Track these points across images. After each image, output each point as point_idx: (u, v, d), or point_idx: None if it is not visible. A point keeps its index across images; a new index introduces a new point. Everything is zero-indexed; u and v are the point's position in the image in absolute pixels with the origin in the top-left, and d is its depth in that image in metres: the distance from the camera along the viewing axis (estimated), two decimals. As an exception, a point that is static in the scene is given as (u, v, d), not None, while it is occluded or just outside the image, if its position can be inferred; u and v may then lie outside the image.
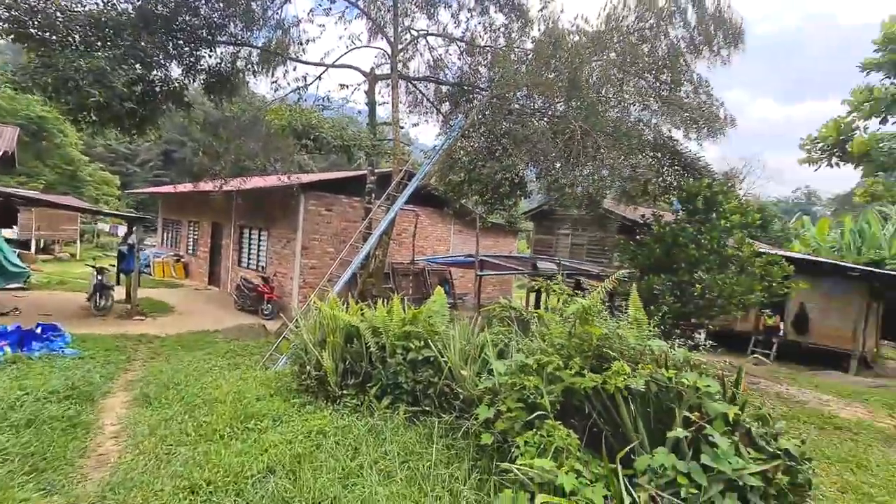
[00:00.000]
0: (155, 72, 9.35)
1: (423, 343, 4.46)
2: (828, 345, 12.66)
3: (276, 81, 9.74)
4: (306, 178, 13.62)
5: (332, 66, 9.99)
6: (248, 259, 15.18)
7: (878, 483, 4.48)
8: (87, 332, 9.31)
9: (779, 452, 2.76)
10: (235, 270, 15.68)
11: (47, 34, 7.97)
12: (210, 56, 9.83)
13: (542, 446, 2.87)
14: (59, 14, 7.97)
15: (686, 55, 8.03)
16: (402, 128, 9.47)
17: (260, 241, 14.69)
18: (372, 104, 10.05)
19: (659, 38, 7.93)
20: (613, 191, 8.97)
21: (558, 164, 9.30)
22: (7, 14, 7.64)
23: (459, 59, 11.38)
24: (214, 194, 14.22)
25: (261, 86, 54.39)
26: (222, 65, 9.79)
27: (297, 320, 8.08)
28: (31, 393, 4.41)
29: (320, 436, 3.76)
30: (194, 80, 9.96)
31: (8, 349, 6.88)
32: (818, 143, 13.87)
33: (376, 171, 10.44)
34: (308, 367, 4.66)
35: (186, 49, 9.39)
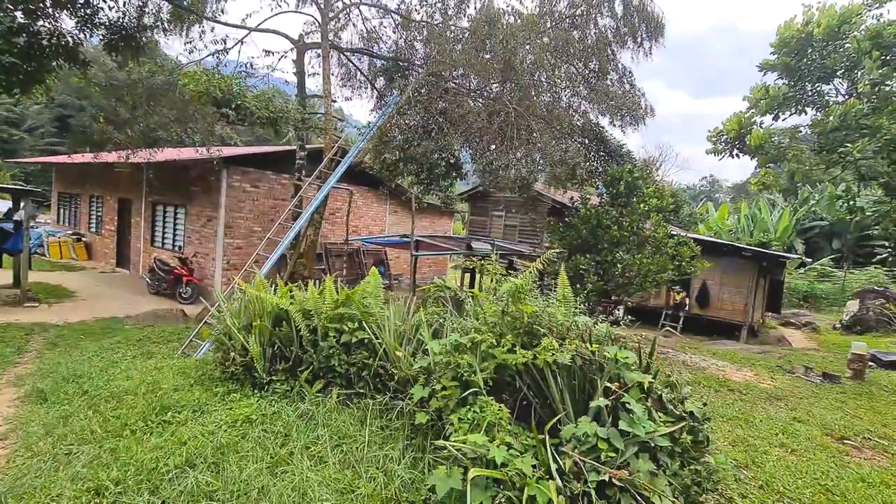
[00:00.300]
0: (41, 22, 8.09)
1: (357, 325, 4.36)
2: (724, 317, 14.26)
3: (190, 42, 8.80)
4: (229, 151, 12.64)
5: (255, 29, 9.19)
6: (164, 238, 13.92)
7: (761, 436, 5.16)
8: (-37, 323, 8.09)
9: (684, 415, 3.06)
10: (149, 251, 14.32)
11: None
12: (110, 8, 8.66)
13: (475, 422, 2.94)
14: None
15: (612, 45, 8.39)
16: (334, 101, 9.04)
17: (176, 218, 13.50)
18: (301, 75, 9.45)
19: (589, 26, 8.19)
20: (544, 174, 9.27)
21: (493, 147, 9.40)
22: None
23: (394, 32, 11.01)
24: (120, 166, 12.76)
25: (174, 46, 49.20)
26: (126, 19, 8.67)
27: (219, 304, 7.59)
28: None
29: (246, 424, 3.57)
30: (91, 35, 8.75)
31: None
32: (722, 135, 15.28)
33: (307, 146, 9.91)
34: (232, 354, 4.38)
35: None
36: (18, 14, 7.73)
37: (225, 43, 8.98)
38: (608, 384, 3.04)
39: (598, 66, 8.31)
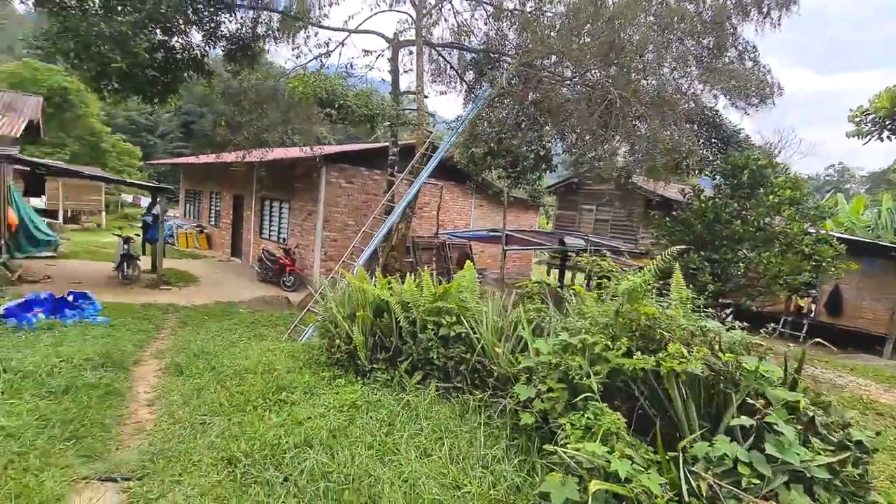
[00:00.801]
0: (176, 38, 9.15)
1: (454, 319, 4.33)
2: (863, 327, 12.22)
3: (297, 48, 9.46)
4: (328, 149, 13.39)
5: (355, 31, 9.62)
6: (270, 231, 15.23)
7: (930, 473, 4.28)
8: (116, 301, 9.48)
9: (848, 443, 2.58)
10: (258, 242, 15.77)
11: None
12: (230, 21, 9.57)
13: (588, 429, 2.74)
14: (77, -24, 7.77)
15: (733, 17, 7.45)
16: (426, 97, 9.15)
17: (281, 212, 14.68)
18: (395, 72, 9.70)
19: (705, -2, 7.36)
20: (645, 165, 8.56)
21: (588, 137, 8.89)
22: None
23: (485, 24, 10.86)
24: (236, 165, 14.16)
25: (280, 54, 53.65)
26: (243, 30, 9.52)
27: (321, 293, 8.07)
28: (68, 360, 4.45)
29: (353, 410, 3.70)
30: (215, 47, 9.74)
31: (42, 315, 7.02)
32: (869, 114, 13.01)
33: (398, 143, 10.18)
34: (337, 341, 4.58)
35: (206, 13, 9.13)
36: (158, 32, 8.80)
37: (328, 46, 9.52)
38: (751, 401, 2.65)
39: (714, 43, 7.44)
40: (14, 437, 2.90)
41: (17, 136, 10.47)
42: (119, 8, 7.99)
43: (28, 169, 12.77)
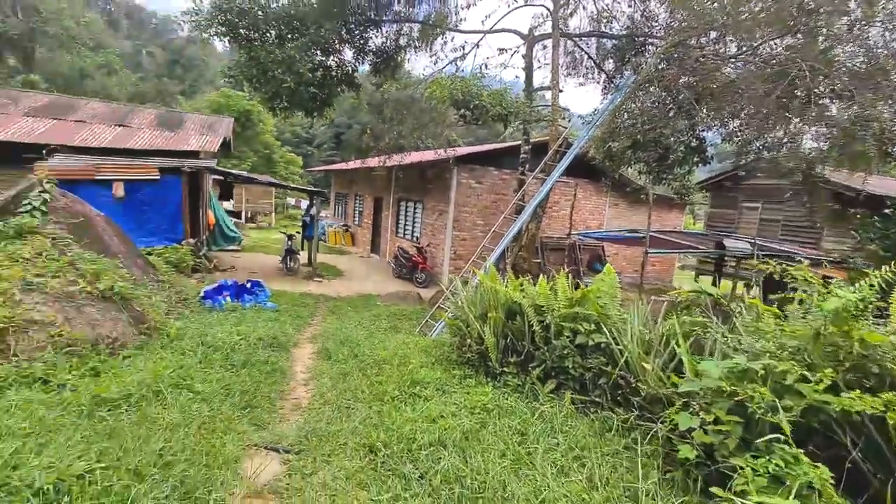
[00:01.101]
0: (332, 57, 10.26)
1: (593, 327, 3.97)
2: None
3: (434, 55, 9.88)
4: (460, 151, 13.71)
5: (490, 31, 9.65)
6: (405, 230, 16.23)
7: None
8: (281, 289, 11.01)
9: None
10: (393, 240, 16.96)
11: (252, 33, 9.27)
12: (376, 36, 10.41)
13: (777, 479, 2.20)
14: (259, 13, 9.20)
15: None
16: (560, 91, 8.73)
17: (415, 212, 15.53)
18: (529, 68, 9.47)
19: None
20: (841, 152, 6.84)
21: (757, 121, 7.49)
22: (224, 18, 9.07)
23: (629, 6, 9.97)
24: (377, 170, 15.42)
25: (419, 62, 57.51)
26: (387, 43, 10.27)
27: (451, 290, 8.24)
28: (245, 338, 5.24)
29: (484, 413, 3.62)
30: (363, 62, 10.69)
31: (229, 298, 8.45)
32: None
33: (531, 140, 9.92)
34: (469, 341, 4.57)
35: (357, 32, 10.06)
36: (318, 54, 9.95)
37: (463, 49, 9.75)
38: None
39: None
40: (206, 402, 3.46)
41: (215, 150, 12.85)
42: (289, 36, 9.25)
43: (221, 178, 15.63)
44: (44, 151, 9.41)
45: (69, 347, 3.59)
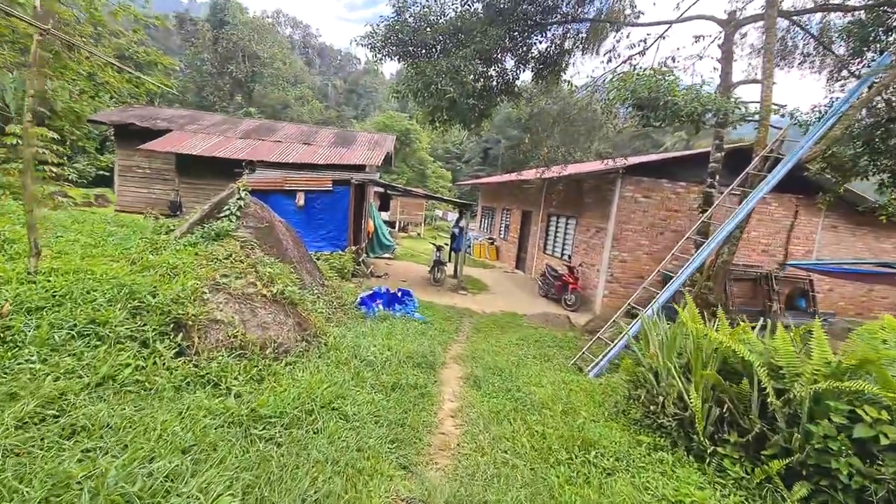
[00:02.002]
0: (493, 67, 9.99)
1: (884, 413, 2.59)
2: None
3: (608, 52, 8.82)
4: (631, 159, 12.22)
5: (679, 20, 8.24)
6: (554, 247, 15.19)
7: None
8: (428, 300, 11.05)
9: None
10: (540, 257, 16.04)
11: (420, 50, 9.52)
12: (540, 42, 9.82)
13: None
14: (428, 29, 9.39)
15: None
16: (774, 83, 6.84)
17: (567, 229, 14.40)
18: (727, 59, 7.76)
19: None
20: None
21: None
22: (396, 38, 9.48)
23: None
24: (528, 183, 14.75)
25: (588, 65, 55.38)
26: (552, 48, 9.59)
27: (617, 321, 7.04)
28: (395, 354, 5.02)
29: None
30: (525, 70, 10.19)
31: (381, 306, 8.65)
32: None
33: (723, 146, 8.12)
34: (661, 399, 3.51)
35: (520, 38, 9.61)
36: (480, 64, 9.75)
37: (644, 43, 8.52)
38: None
39: None
40: (356, 430, 3.16)
41: (379, 164, 13.76)
42: (454, 49, 9.23)
43: (381, 189, 16.76)
44: (243, 165, 11.01)
45: (241, 350, 3.69)
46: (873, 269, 8.12)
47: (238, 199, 5.45)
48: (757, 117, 7.10)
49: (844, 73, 9.03)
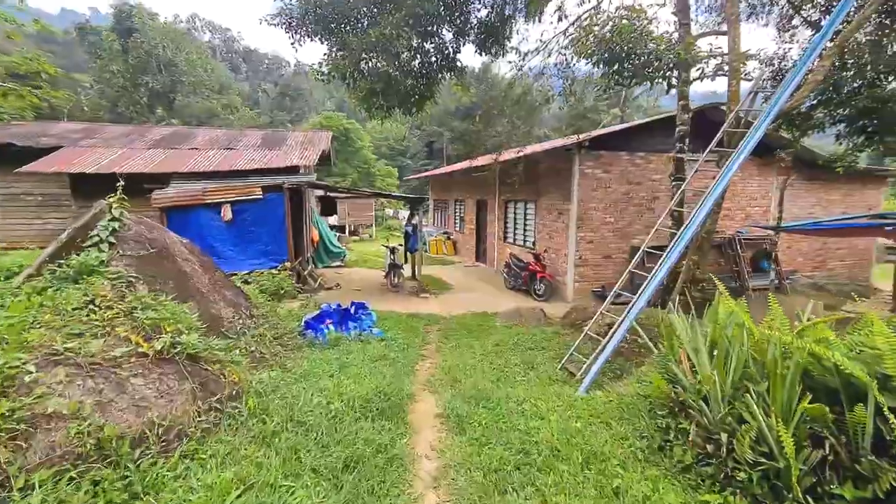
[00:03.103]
0: (430, 41, 8.83)
1: None
2: None
3: (557, 11, 7.86)
4: (589, 133, 11.47)
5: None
6: (515, 235, 14.32)
7: None
8: (387, 309, 9.80)
9: None
10: (502, 247, 15.14)
11: (344, 24, 8.18)
12: (478, 9, 8.76)
13: None
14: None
15: None
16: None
17: (527, 214, 13.55)
18: (684, 6, 7.00)
19: None
20: None
21: None
22: (315, 13, 8.08)
23: None
24: (480, 170, 13.76)
25: (535, 31, 54.73)
26: (492, 14, 8.55)
27: (604, 313, 6.16)
28: (348, 403, 3.79)
29: None
30: (465, 42, 9.10)
31: (332, 327, 7.32)
32: None
33: (689, 106, 7.42)
34: (723, 435, 2.51)
35: (455, 5, 8.50)
36: (415, 37, 8.55)
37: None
38: None
39: None
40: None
41: (314, 164, 12.26)
42: (382, 18, 7.97)
43: (322, 192, 15.22)
44: (118, 178, 9.24)
45: (98, 450, 2.36)
46: (869, 221, 7.73)
47: (110, 220, 3.98)
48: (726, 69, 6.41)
49: (795, 20, 8.62)
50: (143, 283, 3.73)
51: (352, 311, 8.11)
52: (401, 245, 13.88)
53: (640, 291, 5.75)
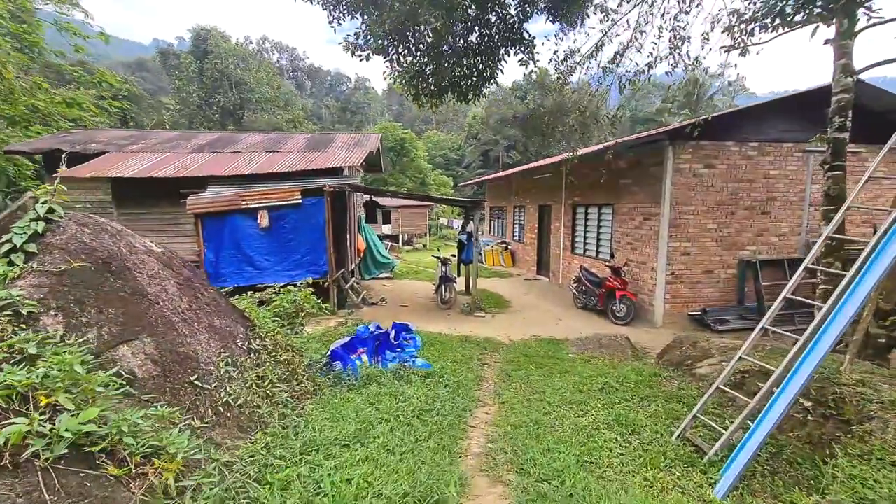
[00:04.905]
0: (492, 11, 7.32)
1: None
2: None
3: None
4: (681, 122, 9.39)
5: None
6: (586, 244, 12.31)
7: None
8: (435, 331, 8.30)
9: None
10: (568, 258, 13.17)
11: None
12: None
13: None
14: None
15: None
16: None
17: (601, 221, 11.53)
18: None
19: None
20: None
21: None
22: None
23: None
24: (544, 171, 11.99)
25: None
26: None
27: (744, 357, 4.20)
28: (378, 496, 2.25)
29: None
30: (532, 14, 7.49)
31: (365, 358, 5.89)
32: None
33: (853, 68, 5.26)
34: None
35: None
36: (471, 7, 7.06)
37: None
38: None
39: None
40: None
41: (360, 165, 11.10)
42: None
43: (368, 197, 14.10)
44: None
45: None
46: None
47: (33, 219, 2.77)
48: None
49: None
50: (56, 314, 2.45)
51: (391, 335, 6.65)
52: (454, 256, 12.36)
53: (818, 327, 3.74)
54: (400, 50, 6.45)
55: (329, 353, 5.64)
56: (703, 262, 9.20)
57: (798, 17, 4.40)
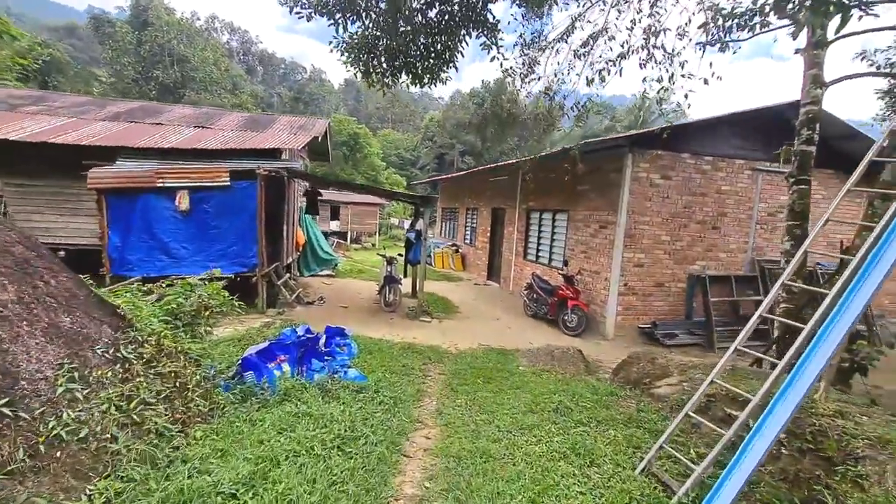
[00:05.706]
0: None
1: None
2: None
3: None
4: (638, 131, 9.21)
5: None
6: (539, 250, 11.94)
7: None
8: (375, 336, 7.47)
9: None
10: (520, 264, 12.76)
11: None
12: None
13: None
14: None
15: None
16: None
17: (555, 226, 11.19)
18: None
19: None
20: None
21: None
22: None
23: None
24: (500, 172, 11.50)
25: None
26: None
27: (716, 381, 3.75)
28: None
29: None
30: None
31: (287, 367, 4.96)
32: None
33: (823, 80, 5.10)
34: None
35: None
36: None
37: None
38: None
39: None
40: None
41: (301, 150, 10.05)
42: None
43: (309, 186, 13.00)
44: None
45: None
46: None
47: None
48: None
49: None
50: None
51: (321, 341, 5.75)
52: (401, 255, 11.55)
53: (801, 349, 3.33)
54: (347, 14, 5.61)
55: (240, 361, 4.67)
56: (655, 274, 9.03)
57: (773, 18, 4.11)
